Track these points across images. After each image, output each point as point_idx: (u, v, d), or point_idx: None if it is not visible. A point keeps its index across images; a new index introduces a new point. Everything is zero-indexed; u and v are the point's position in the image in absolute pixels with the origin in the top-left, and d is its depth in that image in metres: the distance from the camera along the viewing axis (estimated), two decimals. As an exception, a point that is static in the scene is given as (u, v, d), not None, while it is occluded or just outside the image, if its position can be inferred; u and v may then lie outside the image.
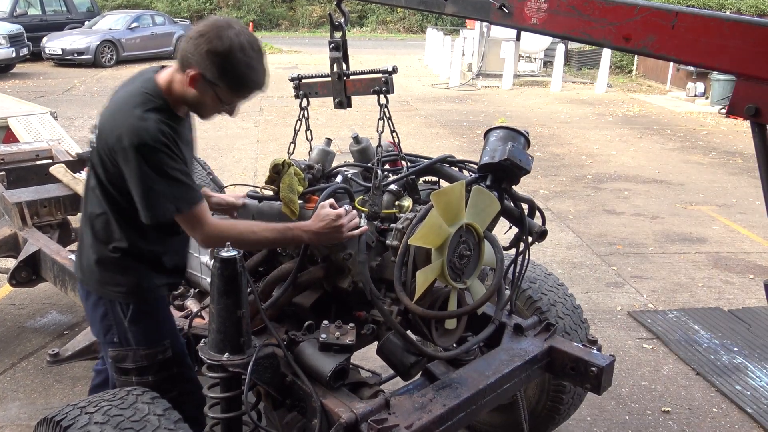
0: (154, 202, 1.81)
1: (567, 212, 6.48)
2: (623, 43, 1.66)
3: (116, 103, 1.89)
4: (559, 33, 1.80)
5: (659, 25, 1.59)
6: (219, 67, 1.76)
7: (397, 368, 2.13)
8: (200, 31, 1.78)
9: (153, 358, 2.02)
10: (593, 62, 17.53)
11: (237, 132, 9.60)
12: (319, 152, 2.44)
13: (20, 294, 4.32)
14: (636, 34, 1.63)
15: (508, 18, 1.83)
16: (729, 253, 5.55)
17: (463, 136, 9.89)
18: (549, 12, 1.74)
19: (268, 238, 1.97)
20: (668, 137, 10.28)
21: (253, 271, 2.36)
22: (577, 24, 1.71)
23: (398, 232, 2.01)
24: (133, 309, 2.00)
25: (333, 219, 1.96)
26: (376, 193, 2.15)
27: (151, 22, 18.68)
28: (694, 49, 1.58)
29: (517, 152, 2.14)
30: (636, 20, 1.62)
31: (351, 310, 2.27)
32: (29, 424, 3.09)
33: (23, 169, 4.00)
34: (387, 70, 2.19)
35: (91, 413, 1.68)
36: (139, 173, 1.77)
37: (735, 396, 3.49)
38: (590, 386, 2.19)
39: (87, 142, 6.16)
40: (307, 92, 2.50)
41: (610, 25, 1.66)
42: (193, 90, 1.83)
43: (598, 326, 4.19)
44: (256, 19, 28.00)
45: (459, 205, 1.95)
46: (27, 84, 13.87)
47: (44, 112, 5.58)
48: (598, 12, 1.67)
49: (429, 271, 1.91)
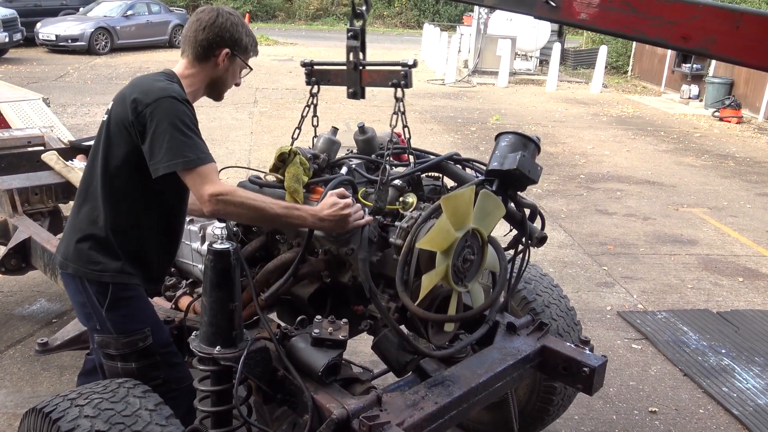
0: (174, 148, 1.85)
1: (559, 211, 6.50)
2: (681, 42, 1.58)
3: (136, 80, 2.04)
4: (610, 30, 1.73)
5: (722, 25, 1.52)
6: (242, 35, 2.08)
7: (392, 365, 2.12)
8: (210, 19, 2.04)
9: (134, 345, 2.03)
10: (589, 62, 17.57)
11: (231, 123, 9.55)
12: (325, 141, 2.41)
13: (9, 281, 4.28)
14: (696, 33, 1.55)
15: (554, 12, 1.75)
16: (719, 256, 5.59)
17: (458, 132, 9.88)
18: (600, 8, 1.66)
19: (273, 210, 1.95)
20: (662, 139, 10.32)
21: (250, 257, 2.33)
22: (630, 21, 1.63)
23: (402, 231, 1.98)
24: (110, 297, 2.02)
25: (341, 207, 1.96)
26: (383, 188, 2.11)
27: (147, 10, 18.51)
28: (758, 52, 1.51)
29: (527, 163, 2.13)
30: (697, 20, 1.54)
31: (347, 303, 2.26)
32: (15, 413, 3.07)
33: (15, 155, 3.96)
34: (407, 63, 2.14)
35: (81, 406, 1.66)
36: (167, 122, 1.86)
37: (722, 397, 3.52)
38: (582, 386, 2.20)
39: (96, 127, 6.11)
40: (320, 79, 2.43)
41: (668, 23, 1.58)
42: (223, 68, 2.08)
43: (588, 326, 4.21)
44: (252, 9, 27.81)
45: (468, 210, 1.94)
46: (20, 70, 13.73)
47: (37, 98, 5.52)
48: (656, 9, 1.59)
49: (434, 275, 1.90)
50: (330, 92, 2.37)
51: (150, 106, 1.88)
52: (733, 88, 12.83)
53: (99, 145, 2.03)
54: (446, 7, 29.96)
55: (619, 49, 18.47)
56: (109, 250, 2.03)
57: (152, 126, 1.87)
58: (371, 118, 9.39)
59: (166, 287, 2.68)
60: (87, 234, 2.03)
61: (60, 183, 3.63)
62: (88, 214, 2.04)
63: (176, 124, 1.87)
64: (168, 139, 1.86)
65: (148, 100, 1.89)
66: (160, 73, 2.06)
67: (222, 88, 2.16)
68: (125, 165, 1.97)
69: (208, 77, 2.09)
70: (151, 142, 1.88)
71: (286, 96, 12.00)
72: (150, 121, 1.87)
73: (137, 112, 1.89)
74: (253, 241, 2.37)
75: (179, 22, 19.07)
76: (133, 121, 1.90)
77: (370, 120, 5.23)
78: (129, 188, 2.00)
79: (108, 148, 1.99)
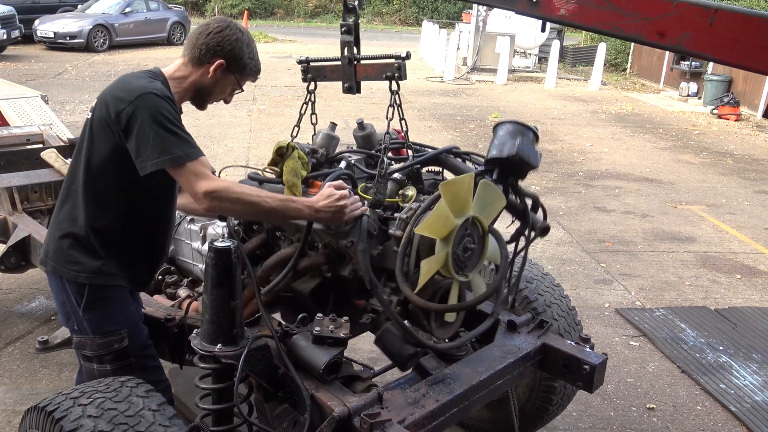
0: (160, 145, 1.84)
1: (558, 209, 6.50)
2: (657, 39, 1.59)
3: (120, 78, 2.02)
4: (589, 26, 1.73)
5: (697, 21, 1.52)
6: (243, 54, 2.06)
7: (396, 359, 2.12)
8: (218, 27, 2.04)
9: (109, 346, 2.03)
10: (588, 59, 17.57)
11: (230, 120, 9.54)
12: (323, 137, 2.41)
13: (8, 279, 4.29)
14: (671, 30, 1.55)
15: (534, 8, 1.76)
16: (717, 253, 5.60)
17: (456, 129, 9.88)
18: (579, 3, 1.67)
19: (269, 204, 1.93)
20: (660, 136, 10.33)
21: (251, 254, 2.33)
22: (608, 17, 1.64)
23: (402, 222, 1.98)
24: (87, 298, 2.01)
25: (336, 198, 1.96)
26: (381, 181, 2.11)
27: (145, 8, 18.45)
28: (733, 49, 1.51)
29: (526, 148, 2.12)
30: (672, 16, 1.54)
31: (349, 298, 2.26)
32: (14, 410, 3.07)
33: (14, 153, 3.95)
34: (400, 55, 2.15)
35: (84, 405, 1.65)
36: (149, 119, 1.84)
37: (719, 394, 3.53)
38: (582, 384, 2.20)
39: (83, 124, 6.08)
40: (316, 76, 2.44)
41: (644, 19, 1.59)
42: (212, 78, 2.04)
43: (586, 323, 4.22)
44: (251, 6, 27.75)
45: (467, 197, 1.93)
46: (18, 67, 13.69)
47: (35, 95, 5.50)
48: (633, 5, 1.59)
49: (433, 262, 1.89)
50: (328, 90, 2.36)
51: (132, 103, 1.86)
52: (731, 86, 12.83)
53: (83, 143, 2.01)
54: (445, 4, 29.92)
55: (618, 46, 18.46)
56: (88, 249, 2.01)
57: (135, 123, 1.85)
58: (370, 116, 9.38)
59: (167, 285, 2.69)
60: (67, 232, 2.02)
61: (59, 181, 3.62)
62: (69, 213, 2.03)
63: (159, 120, 1.85)
64: (153, 136, 1.84)
65: (129, 98, 1.88)
66: (143, 71, 2.05)
67: (207, 98, 2.12)
68: (107, 164, 1.96)
69: (197, 83, 2.06)
70: (136, 140, 1.86)
71: (285, 93, 11.99)
72: (132, 119, 1.86)
73: (118, 111, 1.88)
74: (254, 238, 2.37)
75: (178, 20, 19.02)
76: (114, 119, 1.89)
77: (369, 117, 5.24)
78: (111, 187, 1.99)
79: (91, 146, 1.97)
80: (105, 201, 2.00)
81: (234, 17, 26.70)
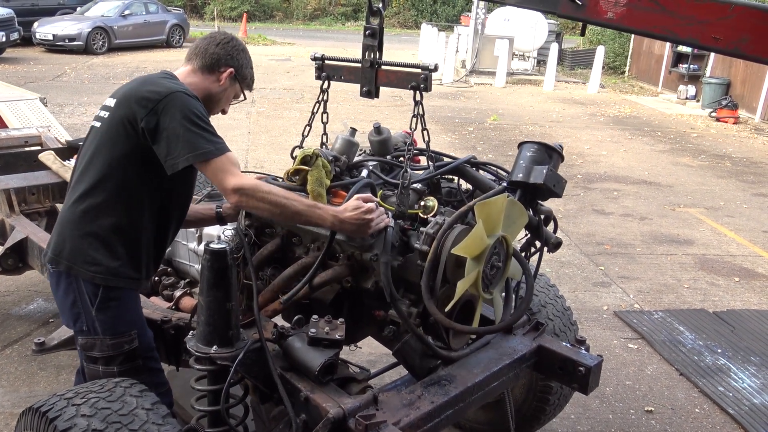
0: (192, 142, 1.86)
1: (556, 211, 6.44)
2: (712, 42, 1.56)
3: (141, 79, 2.06)
4: (638, 29, 1.70)
5: (755, 25, 1.49)
6: (247, 65, 2.19)
7: (415, 371, 2.10)
8: (225, 39, 2.17)
9: (119, 347, 2.03)
10: (586, 62, 17.59)
11: (229, 123, 9.54)
12: (343, 143, 2.35)
13: (6, 281, 4.28)
14: (728, 34, 1.52)
15: (579, 11, 1.72)
16: (715, 256, 5.60)
17: (455, 132, 9.89)
18: (628, 6, 1.62)
19: (296, 207, 1.94)
20: (659, 139, 10.34)
21: (266, 260, 2.29)
22: (659, 20, 1.60)
23: (428, 237, 1.94)
24: (101, 297, 2.00)
25: (364, 211, 1.94)
26: (404, 192, 2.08)
27: (144, 10, 18.47)
28: None
29: (553, 177, 2.14)
30: (729, 19, 1.51)
31: (365, 307, 2.22)
32: (12, 412, 3.07)
33: (12, 155, 3.96)
34: (428, 66, 2.10)
35: (78, 405, 1.66)
36: (180, 116, 1.88)
37: (717, 397, 3.53)
38: (578, 386, 2.20)
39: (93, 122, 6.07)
40: (331, 75, 2.37)
41: (699, 23, 1.55)
42: (222, 85, 2.14)
43: (585, 325, 4.22)
44: (250, 9, 27.80)
45: (499, 217, 1.94)
46: (17, 69, 13.70)
47: (34, 98, 5.51)
48: (687, 9, 1.55)
49: (467, 282, 1.87)
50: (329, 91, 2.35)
51: (162, 101, 1.89)
52: (729, 89, 12.86)
53: (100, 143, 1.99)
54: (444, 7, 29.99)
55: (617, 49, 18.50)
56: (109, 249, 1.99)
57: (166, 121, 1.88)
58: (368, 119, 9.38)
59: (164, 286, 2.68)
60: (86, 232, 1.99)
61: (57, 183, 3.63)
62: (87, 212, 1.99)
63: (191, 118, 1.89)
64: (183, 133, 1.87)
65: (158, 97, 1.90)
66: (163, 72, 2.10)
67: (214, 105, 2.18)
68: (130, 164, 1.96)
69: (207, 89, 2.12)
70: (166, 138, 1.88)
71: (284, 96, 12.00)
72: (163, 116, 1.88)
73: (148, 109, 1.89)
74: (269, 243, 2.31)
75: (176, 22, 19.04)
76: (143, 117, 1.89)
77: (367, 120, 5.24)
78: (135, 187, 1.99)
79: (111, 146, 1.96)
80: (129, 202, 1.99)
81: (233, 20, 26.76)
